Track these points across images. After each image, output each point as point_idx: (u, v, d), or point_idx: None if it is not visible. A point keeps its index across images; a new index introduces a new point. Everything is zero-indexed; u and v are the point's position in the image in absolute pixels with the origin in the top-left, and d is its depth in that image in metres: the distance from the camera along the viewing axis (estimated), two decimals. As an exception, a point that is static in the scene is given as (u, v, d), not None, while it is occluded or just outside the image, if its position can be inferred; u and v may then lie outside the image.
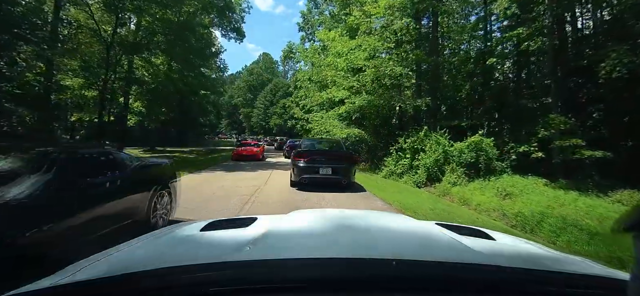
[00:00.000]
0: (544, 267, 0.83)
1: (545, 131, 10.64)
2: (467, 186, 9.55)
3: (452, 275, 0.70)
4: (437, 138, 10.74)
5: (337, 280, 0.66)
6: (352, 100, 12.13)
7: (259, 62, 65.75)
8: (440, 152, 10.31)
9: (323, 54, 17.72)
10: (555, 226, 5.30)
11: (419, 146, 10.72)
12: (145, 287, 0.64)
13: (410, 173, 10.51)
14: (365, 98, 11.52)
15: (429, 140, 10.89)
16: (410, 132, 11.77)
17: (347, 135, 12.36)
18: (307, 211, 1.56)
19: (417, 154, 10.72)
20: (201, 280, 0.64)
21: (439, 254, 0.89)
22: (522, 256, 1.01)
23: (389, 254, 0.79)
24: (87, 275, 0.74)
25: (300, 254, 0.85)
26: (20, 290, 0.66)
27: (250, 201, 6.25)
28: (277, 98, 48.90)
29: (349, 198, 6.97)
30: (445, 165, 10.38)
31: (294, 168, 7.74)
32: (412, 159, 10.65)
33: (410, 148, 10.83)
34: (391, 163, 11.09)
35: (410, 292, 0.65)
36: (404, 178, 10.50)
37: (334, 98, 14.47)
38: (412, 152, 10.79)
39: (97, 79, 14.83)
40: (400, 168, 10.75)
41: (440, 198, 8.69)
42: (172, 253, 0.93)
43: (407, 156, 10.76)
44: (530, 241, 1.28)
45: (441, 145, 10.55)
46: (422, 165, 10.25)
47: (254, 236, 0.95)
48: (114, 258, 0.90)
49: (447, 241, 1.01)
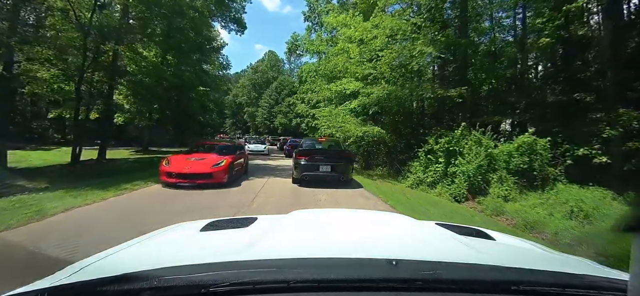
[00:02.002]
0: (544, 267, 0.81)
1: (612, 130, 8.40)
2: (524, 201, 7.27)
3: (452, 275, 0.69)
4: (478, 138, 8.47)
5: (337, 280, 0.65)
6: (367, 92, 9.86)
7: (264, 59, 63.93)
8: (483, 156, 8.04)
9: (332, 43, 15.59)
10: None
11: (456, 148, 8.45)
12: (145, 287, 0.62)
13: (444, 182, 8.24)
14: (385, 88, 9.27)
15: (467, 141, 8.62)
16: (437, 130, 9.51)
17: (363, 134, 10.12)
18: (307, 211, 1.60)
19: (453, 158, 8.44)
20: (201, 280, 0.63)
21: (439, 254, 0.89)
22: (522, 256, 1.01)
23: (389, 254, 0.77)
24: (87, 275, 0.74)
25: (300, 254, 0.83)
26: (20, 290, 0.67)
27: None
28: (283, 96, 47.27)
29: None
30: (490, 172, 8.10)
31: (295, 166, 8.10)
32: (447, 164, 8.38)
33: (443, 151, 8.56)
34: (419, 169, 8.80)
35: (410, 292, 0.65)
36: (437, 189, 8.23)
37: (345, 90, 12.26)
38: (446, 155, 8.52)
39: (72, 71, 12.92)
40: (431, 175, 8.47)
41: (493, 219, 6.42)
42: (172, 253, 0.93)
43: (440, 160, 8.49)
44: (530, 241, 1.31)
45: (484, 147, 8.28)
46: (461, 173, 7.97)
47: (254, 236, 0.98)
48: (114, 258, 0.90)
49: (447, 241, 1.03)
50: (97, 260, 0.87)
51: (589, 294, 0.68)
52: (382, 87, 9.41)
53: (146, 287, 0.62)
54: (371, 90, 9.58)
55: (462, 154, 8.42)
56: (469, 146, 8.46)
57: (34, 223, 4.05)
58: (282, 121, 45.31)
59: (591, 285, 0.70)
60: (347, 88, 12.03)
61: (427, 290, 0.65)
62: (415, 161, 9.16)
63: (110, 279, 0.66)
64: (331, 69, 13.58)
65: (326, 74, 15.23)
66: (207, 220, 1.23)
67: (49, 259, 2.87)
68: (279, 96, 49.32)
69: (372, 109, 10.21)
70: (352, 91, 12.02)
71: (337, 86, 12.60)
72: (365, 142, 11.31)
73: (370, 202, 6.47)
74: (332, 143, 9.64)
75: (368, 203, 6.34)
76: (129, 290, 0.62)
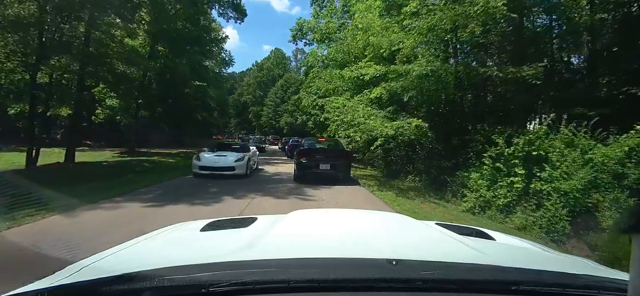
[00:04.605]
0: (544, 267, 0.80)
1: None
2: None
3: (452, 275, 0.68)
4: (570, 137, 5.55)
5: (337, 280, 0.64)
6: (400, 71, 6.83)
7: (270, 57, 61.43)
8: (587, 168, 5.08)
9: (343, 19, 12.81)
10: None
11: (541, 152, 5.51)
12: (145, 287, 0.62)
13: (526, 205, 5.29)
14: (430, 63, 6.32)
15: (551, 142, 5.68)
16: (504, 129, 6.57)
17: (397, 131, 7.16)
18: (307, 211, 1.59)
19: (537, 168, 5.50)
20: (201, 280, 0.63)
21: (439, 254, 0.88)
22: (522, 256, 0.99)
23: (389, 254, 0.76)
24: (87, 275, 0.73)
25: (300, 254, 0.83)
26: (20, 290, 0.66)
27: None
28: (289, 94, 44.67)
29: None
30: (593, 191, 5.14)
31: (297, 165, 8.67)
32: (529, 177, 5.44)
33: (521, 157, 5.63)
34: (481, 183, 5.81)
35: (410, 292, 0.64)
36: (516, 217, 5.28)
37: (362, 76, 9.40)
38: (525, 162, 5.59)
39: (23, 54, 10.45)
40: (503, 195, 5.51)
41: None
42: (172, 253, 0.93)
43: (516, 171, 5.53)
44: (531, 241, 1.27)
45: (580, 151, 5.35)
46: (554, 191, 5.03)
47: (254, 236, 0.96)
48: (114, 258, 0.90)
49: (447, 241, 1.01)
50: (97, 260, 0.86)
51: (589, 294, 0.66)
52: (427, 61, 6.45)
53: (146, 287, 0.61)
54: (408, 68, 6.59)
55: (549, 161, 5.47)
56: (560, 150, 5.51)
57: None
58: (288, 120, 42.71)
59: (591, 284, 0.69)
60: (366, 73, 9.16)
61: (427, 290, 0.64)
62: (472, 170, 6.20)
63: (110, 279, 0.66)
64: (346, 51, 10.73)
65: (337, 60, 12.40)
66: (207, 220, 1.24)
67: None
68: (285, 94, 46.78)
69: (409, 94, 7.17)
70: (372, 77, 9.15)
71: (351, 71, 9.74)
72: (394, 144, 8.46)
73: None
74: (332, 143, 10.06)
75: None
76: (129, 290, 0.62)
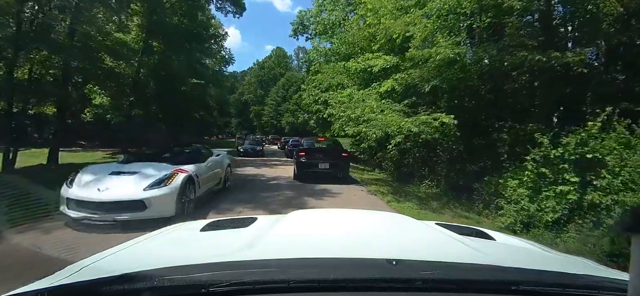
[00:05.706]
0: (544, 267, 0.80)
1: None
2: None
3: (452, 275, 0.68)
4: (626, 137, 4.52)
5: (337, 280, 0.64)
6: (420, 56, 5.72)
7: (271, 56, 60.50)
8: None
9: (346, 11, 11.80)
10: None
11: (596, 155, 4.46)
12: (145, 287, 0.62)
13: (583, 221, 4.24)
14: (458, 46, 5.19)
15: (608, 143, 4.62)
16: (538, 127, 5.52)
17: (420, 129, 5.81)
18: (306, 211, 1.64)
19: (591, 174, 4.45)
20: (201, 280, 0.63)
21: (439, 254, 0.87)
22: (521, 256, 0.98)
23: (388, 254, 0.76)
24: (87, 275, 0.73)
25: (300, 254, 0.83)
26: (20, 290, 0.66)
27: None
28: (290, 93, 43.76)
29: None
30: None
31: (296, 164, 8.77)
32: (583, 186, 4.39)
33: (572, 161, 4.57)
34: (523, 193, 4.74)
35: (410, 292, 0.64)
36: (567, 236, 4.23)
37: (370, 68, 8.37)
38: (577, 167, 4.54)
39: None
40: (551, 208, 4.44)
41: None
42: (172, 253, 0.92)
43: (566, 178, 4.48)
44: (530, 241, 1.26)
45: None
46: (620, 206, 3.98)
47: (254, 236, 0.96)
48: (114, 258, 0.89)
49: (447, 242, 1.01)
50: (97, 260, 0.86)
51: (589, 294, 0.66)
52: (453, 41, 5.34)
53: (146, 287, 0.61)
54: (431, 51, 5.47)
55: (606, 166, 4.42)
56: (619, 152, 4.46)
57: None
58: (289, 120, 41.83)
59: (591, 284, 0.69)
60: (375, 64, 8.14)
61: (427, 290, 0.64)
62: (508, 176, 5.13)
63: (110, 279, 0.66)
64: (350, 42, 9.71)
65: (340, 53, 11.38)
66: (207, 220, 1.24)
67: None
68: (287, 93, 45.87)
69: (431, 84, 5.98)
70: (381, 68, 8.12)
71: (358, 63, 8.71)
72: (410, 144, 7.43)
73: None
74: (331, 143, 10.10)
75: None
76: (129, 290, 0.62)
